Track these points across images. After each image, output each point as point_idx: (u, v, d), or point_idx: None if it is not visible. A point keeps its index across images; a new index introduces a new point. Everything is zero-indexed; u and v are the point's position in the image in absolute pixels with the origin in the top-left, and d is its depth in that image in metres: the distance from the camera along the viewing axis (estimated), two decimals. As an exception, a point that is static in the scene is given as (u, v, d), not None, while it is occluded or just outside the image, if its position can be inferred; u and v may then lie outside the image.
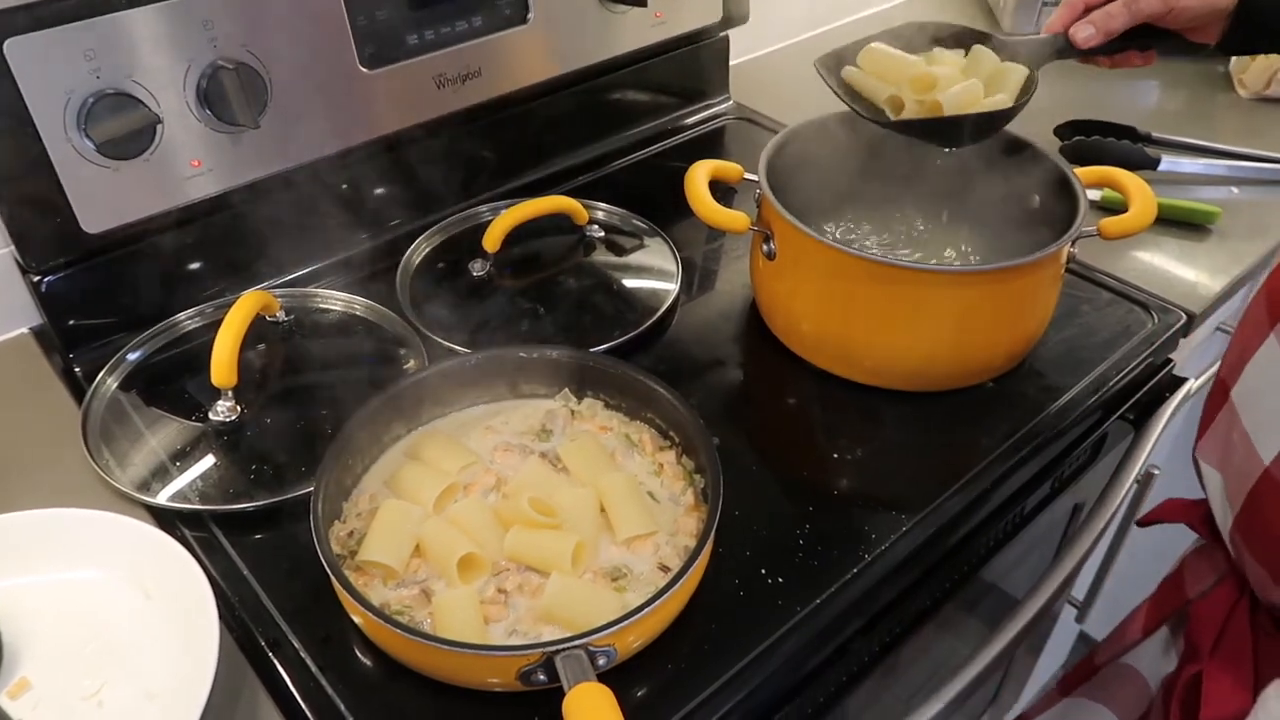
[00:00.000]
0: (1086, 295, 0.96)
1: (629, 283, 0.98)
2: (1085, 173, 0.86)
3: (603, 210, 1.05)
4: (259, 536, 0.73)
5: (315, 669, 0.64)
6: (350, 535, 0.69)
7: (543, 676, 0.59)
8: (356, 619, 0.64)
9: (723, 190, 0.97)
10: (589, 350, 0.83)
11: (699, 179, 0.86)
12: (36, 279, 0.84)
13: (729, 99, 1.29)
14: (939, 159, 0.92)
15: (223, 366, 0.79)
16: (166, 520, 0.74)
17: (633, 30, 1.11)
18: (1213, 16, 0.79)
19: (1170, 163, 1.13)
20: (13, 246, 0.83)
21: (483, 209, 1.05)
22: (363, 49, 0.91)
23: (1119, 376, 0.87)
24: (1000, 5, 1.49)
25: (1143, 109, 1.29)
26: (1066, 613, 1.24)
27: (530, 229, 0.98)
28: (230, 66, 0.82)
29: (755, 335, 0.91)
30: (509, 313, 0.93)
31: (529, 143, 1.11)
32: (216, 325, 0.81)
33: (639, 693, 0.63)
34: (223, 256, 0.93)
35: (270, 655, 0.65)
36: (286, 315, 0.92)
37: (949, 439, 0.82)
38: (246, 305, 0.83)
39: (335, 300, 0.94)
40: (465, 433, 0.78)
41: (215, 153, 0.86)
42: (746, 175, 0.88)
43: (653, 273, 0.99)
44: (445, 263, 0.99)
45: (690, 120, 1.25)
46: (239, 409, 0.81)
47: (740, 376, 0.89)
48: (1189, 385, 0.96)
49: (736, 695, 0.64)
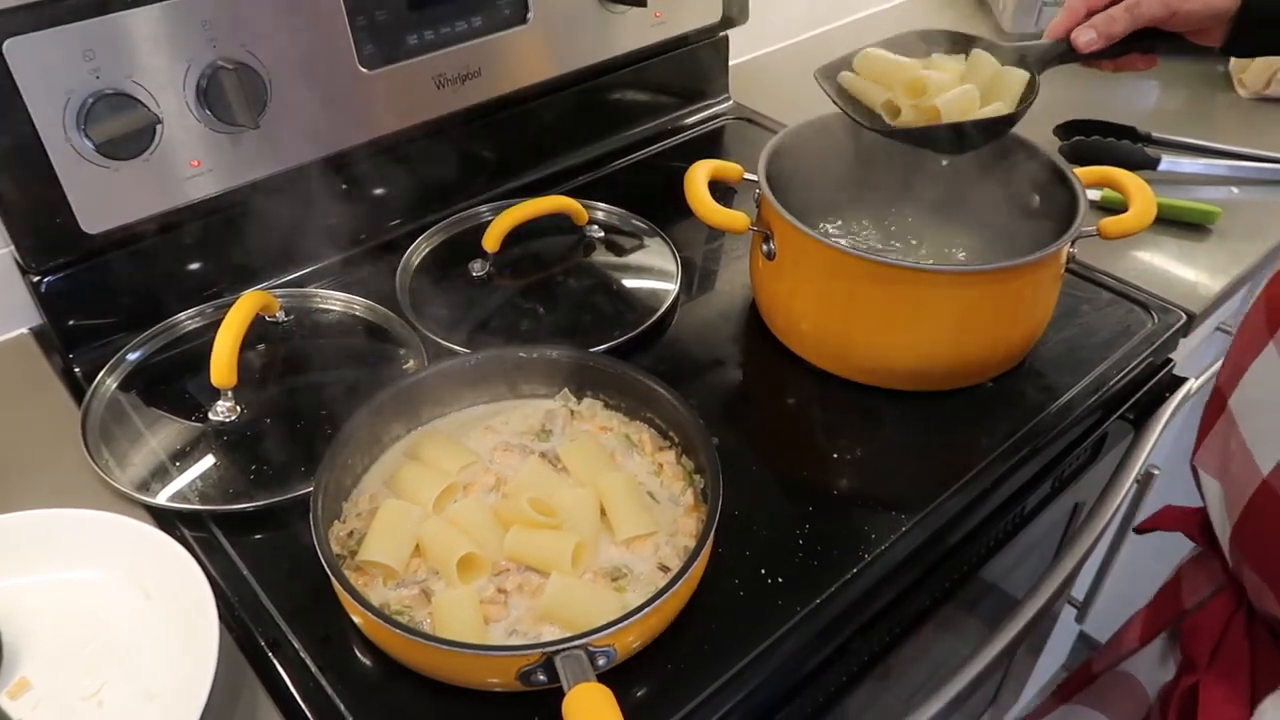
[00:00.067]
0: (1086, 295, 0.96)
1: (629, 283, 0.98)
2: (1085, 173, 0.86)
3: (602, 210, 1.05)
4: (259, 536, 0.73)
5: (315, 669, 0.64)
6: (350, 535, 0.69)
7: (542, 676, 0.59)
8: (356, 619, 0.64)
9: (722, 190, 0.97)
10: (589, 350, 0.83)
11: (699, 179, 0.86)
12: (36, 279, 0.84)
13: (729, 99, 1.29)
14: (940, 160, 0.92)
15: (222, 367, 0.79)
16: (166, 520, 0.74)
17: (632, 30, 1.11)
18: (1215, 20, 0.78)
19: (1170, 163, 1.13)
20: (12, 246, 0.83)
21: (483, 209, 1.05)
22: (362, 49, 0.91)
23: (1119, 376, 0.87)
24: (999, 6, 1.49)
25: (1142, 109, 1.29)
26: (1066, 613, 1.24)
27: (530, 229, 0.98)
28: (230, 67, 0.82)
29: (755, 335, 0.91)
30: (509, 313, 0.93)
31: (529, 143, 1.11)
32: (216, 325, 0.81)
33: (639, 693, 0.63)
34: (222, 256, 0.93)
35: (270, 655, 0.65)
36: (286, 315, 0.92)
37: (949, 439, 0.82)
38: (246, 305, 0.83)
39: (335, 300, 0.94)
40: (465, 433, 0.78)
41: (215, 153, 0.86)
42: (746, 175, 0.88)
43: (652, 273, 0.99)
44: (445, 263, 0.99)
45: (690, 120, 1.25)
46: (239, 409, 0.81)
47: (740, 376, 0.89)
48: (1189, 385, 0.96)
49: (736, 695, 0.64)
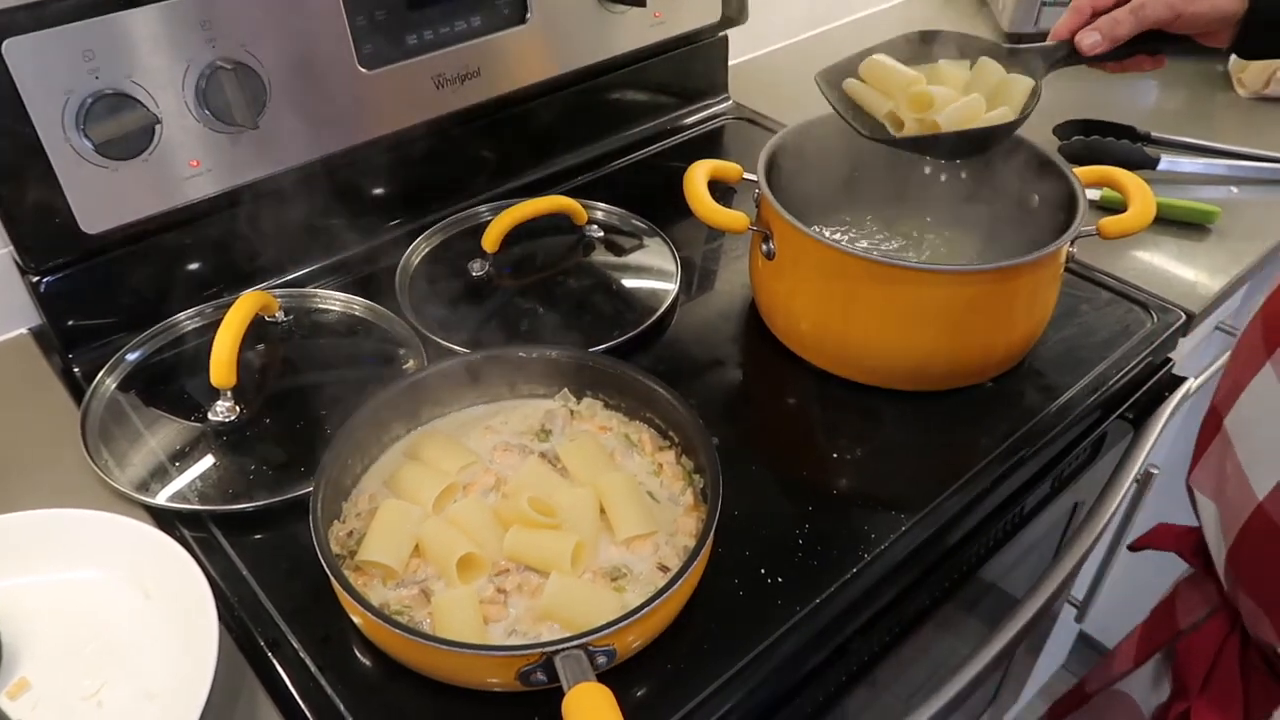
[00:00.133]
0: (1086, 295, 0.96)
1: (628, 282, 0.98)
2: (1084, 172, 0.86)
3: (602, 210, 1.05)
4: (258, 536, 0.73)
5: (315, 669, 0.64)
6: (350, 535, 0.69)
7: (542, 676, 0.59)
8: (356, 619, 0.64)
9: (722, 190, 0.97)
10: (588, 350, 0.83)
11: (698, 179, 0.86)
12: (35, 279, 0.84)
13: (728, 99, 1.29)
14: (939, 160, 0.92)
15: (222, 367, 0.79)
16: (166, 520, 0.74)
17: (632, 30, 1.11)
18: (1222, 22, 0.77)
19: (1169, 162, 1.13)
20: (12, 247, 0.83)
21: (482, 209, 1.05)
22: (361, 49, 0.91)
23: (1118, 376, 0.87)
24: (999, 5, 1.49)
25: (1142, 108, 1.29)
26: (1066, 612, 1.24)
27: (529, 229, 0.98)
28: (229, 67, 0.82)
29: (755, 335, 0.91)
30: (508, 313, 0.93)
31: (528, 143, 1.11)
32: (216, 325, 0.81)
33: (638, 693, 0.63)
34: (222, 257, 0.93)
35: (270, 655, 0.65)
36: (286, 315, 0.92)
37: (948, 438, 0.82)
38: (246, 305, 0.83)
39: (334, 300, 0.94)
40: (465, 433, 0.78)
41: (214, 153, 0.86)
42: (745, 175, 0.88)
43: (652, 272, 0.99)
44: (444, 263, 0.99)
45: (689, 120, 1.25)
46: (238, 409, 0.81)
47: (740, 376, 0.89)
48: (1188, 384, 0.96)
49: (736, 695, 0.64)
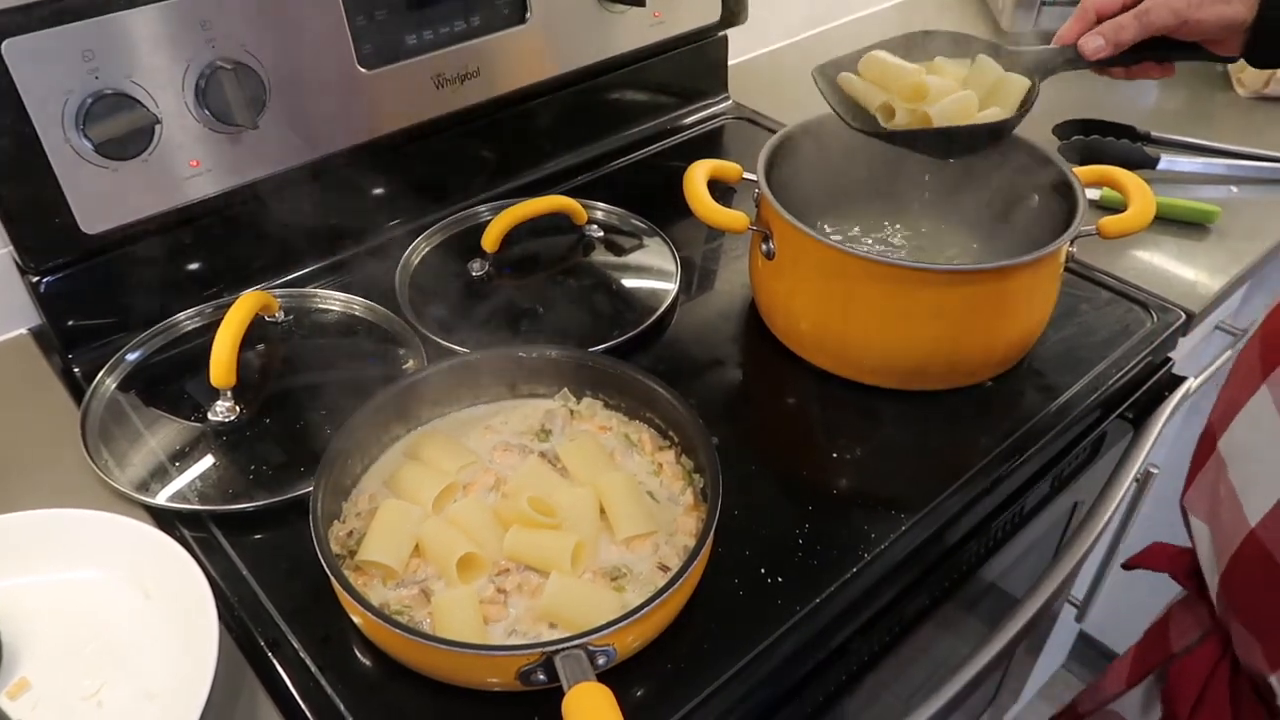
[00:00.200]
0: (1085, 294, 0.96)
1: (628, 282, 0.98)
2: (1084, 172, 0.86)
3: (602, 210, 1.05)
4: (258, 536, 0.73)
5: (315, 669, 0.64)
6: (350, 535, 0.69)
7: (542, 676, 0.59)
8: (356, 619, 0.64)
9: (722, 190, 0.97)
10: (588, 350, 0.83)
11: (698, 178, 0.86)
12: (35, 279, 0.84)
13: (728, 99, 1.29)
14: (939, 160, 0.92)
15: (222, 367, 0.79)
16: (166, 520, 0.74)
17: (631, 30, 1.11)
18: (1230, 30, 0.76)
19: (1169, 162, 1.13)
20: (11, 247, 0.83)
21: (482, 209, 1.05)
22: (361, 49, 0.91)
23: (1118, 375, 0.87)
24: (999, 5, 1.49)
25: (1141, 108, 1.29)
26: (1066, 612, 1.24)
27: (529, 229, 0.98)
28: (229, 67, 0.82)
29: (754, 335, 0.91)
30: (508, 313, 0.93)
31: (528, 142, 1.11)
32: (215, 325, 0.81)
33: (638, 692, 0.63)
34: (222, 256, 0.93)
35: (270, 655, 0.65)
36: (285, 315, 0.92)
37: (948, 438, 0.82)
38: (245, 305, 0.83)
39: (334, 300, 0.94)
40: (464, 432, 0.78)
41: (214, 153, 0.86)
42: (745, 175, 0.88)
43: (652, 272, 0.99)
44: (444, 263, 0.99)
45: (689, 120, 1.25)
46: (238, 409, 0.81)
47: (739, 376, 0.89)
48: (1188, 384, 0.96)
49: (736, 695, 0.64)
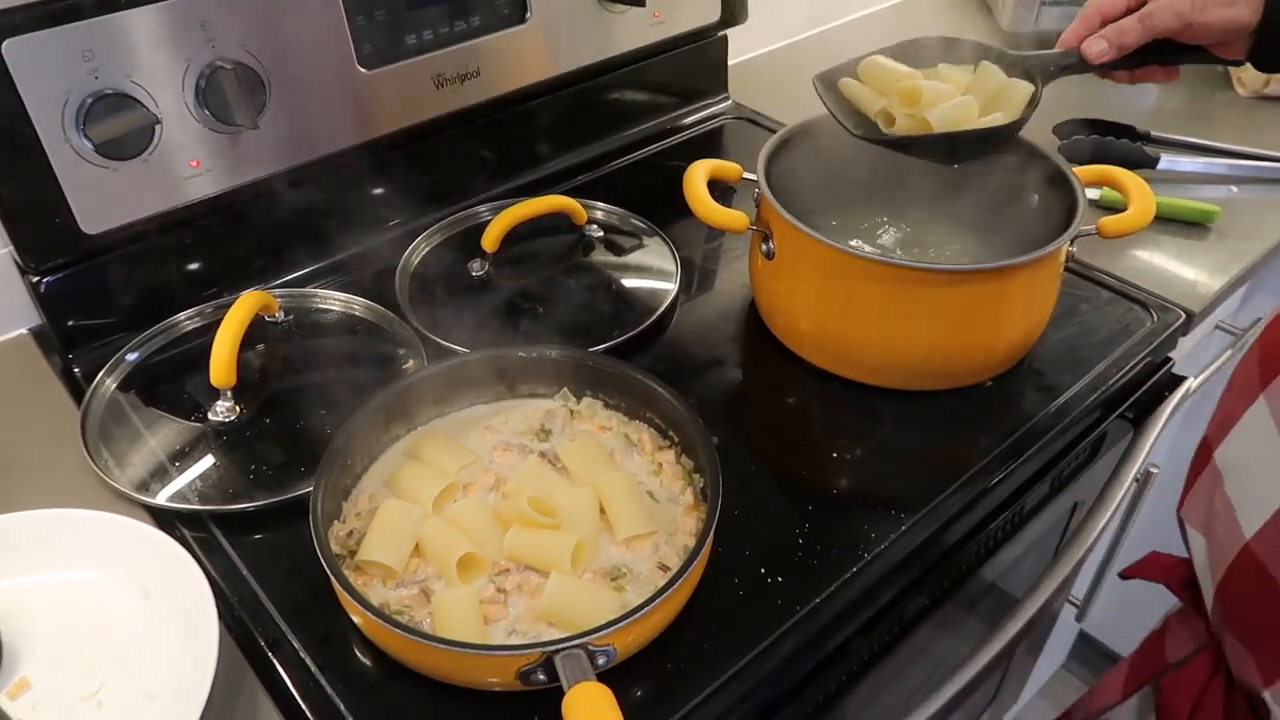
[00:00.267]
0: (1085, 294, 0.96)
1: (628, 282, 0.98)
2: (1084, 171, 0.86)
3: (601, 210, 1.05)
4: (258, 536, 0.73)
5: (315, 669, 0.64)
6: (350, 535, 0.69)
7: (542, 676, 0.59)
8: (356, 619, 0.64)
9: (722, 190, 0.97)
10: (588, 350, 0.83)
11: (698, 178, 0.86)
12: (35, 279, 0.84)
13: (728, 98, 1.29)
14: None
15: (222, 367, 0.79)
16: (166, 520, 0.74)
17: (631, 30, 1.11)
18: (1235, 33, 0.76)
19: (1169, 161, 1.13)
20: (12, 247, 0.83)
21: (481, 209, 1.05)
22: (361, 49, 0.91)
23: (1118, 375, 0.87)
24: (999, 5, 1.49)
25: (1142, 108, 1.29)
26: (1066, 612, 1.24)
27: (529, 229, 0.98)
28: (229, 66, 0.82)
29: (754, 335, 0.91)
30: (508, 313, 0.93)
31: (528, 142, 1.11)
32: (216, 325, 0.81)
33: (638, 692, 0.63)
34: (222, 257, 0.93)
35: (270, 655, 0.65)
36: (286, 315, 0.92)
37: (948, 438, 0.82)
38: (245, 305, 0.83)
39: (334, 300, 0.94)
40: (464, 432, 0.78)
41: (214, 153, 0.86)
42: (745, 175, 0.88)
43: (652, 272, 0.99)
44: (444, 263, 0.99)
45: (689, 120, 1.25)
46: (238, 409, 0.81)
47: (739, 376, 0.89)
48: (1188, 384, 0.96)
49: (736, 695, 0.64)
